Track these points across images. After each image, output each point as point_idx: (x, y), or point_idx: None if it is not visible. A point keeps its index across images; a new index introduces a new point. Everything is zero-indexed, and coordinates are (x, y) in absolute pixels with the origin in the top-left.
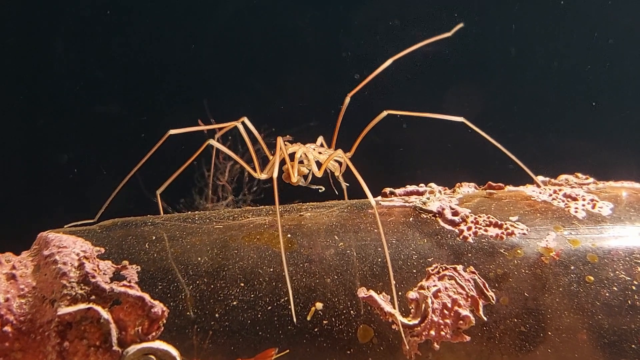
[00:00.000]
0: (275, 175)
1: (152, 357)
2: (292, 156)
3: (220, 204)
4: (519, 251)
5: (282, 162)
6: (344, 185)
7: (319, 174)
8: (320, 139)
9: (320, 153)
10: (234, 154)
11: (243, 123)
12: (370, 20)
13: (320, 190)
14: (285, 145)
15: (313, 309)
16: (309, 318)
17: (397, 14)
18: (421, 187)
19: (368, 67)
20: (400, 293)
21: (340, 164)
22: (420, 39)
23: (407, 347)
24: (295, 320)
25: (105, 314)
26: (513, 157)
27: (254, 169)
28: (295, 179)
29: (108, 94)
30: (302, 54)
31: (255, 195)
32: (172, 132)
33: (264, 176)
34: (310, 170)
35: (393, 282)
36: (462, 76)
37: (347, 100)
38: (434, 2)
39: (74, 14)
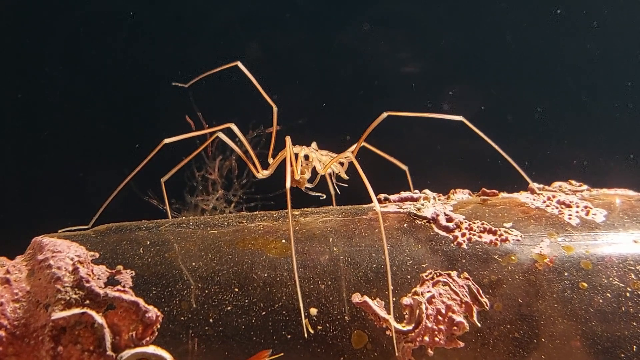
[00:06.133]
0: (288, 185)
1: None
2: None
3: (210, 198)
4: (512, 257)
5: (283, 162)
6: (333, 191)
7: (322, 171)
8: (313, 144)
9: (323, 155)
10: (239, 149)
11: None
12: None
13: (321, 198)
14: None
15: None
16: (311, 331)
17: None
18: (415, 193)
19: (362, 66)
20: (394, 299)
21: (342, 165)
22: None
23: (401, 353)
24: (306, 335)
25: (99, 318)
26: (509, 158)
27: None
28: (298, 176)
29: (105, 99)
30: (293, 54)
31: (246, 188)
32: (167, 141)
33: (266, 173)
34: (311, 171)
35: (390, 287)
36: (455, 82)
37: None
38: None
39: (71, 19)
